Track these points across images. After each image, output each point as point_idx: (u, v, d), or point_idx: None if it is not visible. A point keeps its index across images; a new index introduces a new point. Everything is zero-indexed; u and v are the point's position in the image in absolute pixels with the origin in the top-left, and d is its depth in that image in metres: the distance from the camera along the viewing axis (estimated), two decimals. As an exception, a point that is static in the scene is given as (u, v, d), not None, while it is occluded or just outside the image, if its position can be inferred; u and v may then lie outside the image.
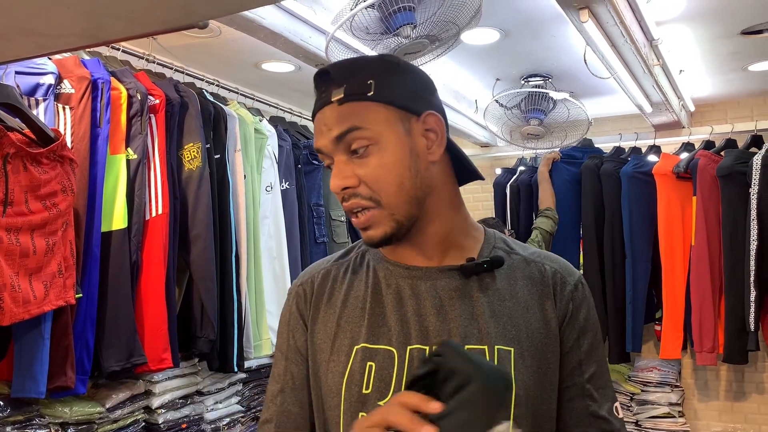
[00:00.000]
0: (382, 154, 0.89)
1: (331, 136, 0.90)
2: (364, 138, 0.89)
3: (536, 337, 0.92)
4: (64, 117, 1.96)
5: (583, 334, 0.96)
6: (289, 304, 1.06)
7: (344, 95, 0.89)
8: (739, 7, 2.38)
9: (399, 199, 0.90)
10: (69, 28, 1.22)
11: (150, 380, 2.25)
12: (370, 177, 0.89)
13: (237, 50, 2.69)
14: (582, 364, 0.95)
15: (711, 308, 3.21)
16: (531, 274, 0.97)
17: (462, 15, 1.83)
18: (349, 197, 0.90)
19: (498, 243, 1.01)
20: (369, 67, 0.93)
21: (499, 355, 0.89)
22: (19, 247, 1.62)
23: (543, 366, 0.91)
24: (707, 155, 3.26)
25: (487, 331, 0.90)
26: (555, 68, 3.08)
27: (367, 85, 0.90)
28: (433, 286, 0.94)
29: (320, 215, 3.21)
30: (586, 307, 0.97)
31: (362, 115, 0.89)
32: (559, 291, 0.96)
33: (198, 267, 2.31)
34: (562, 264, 1.00)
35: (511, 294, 0.94)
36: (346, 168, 0.90)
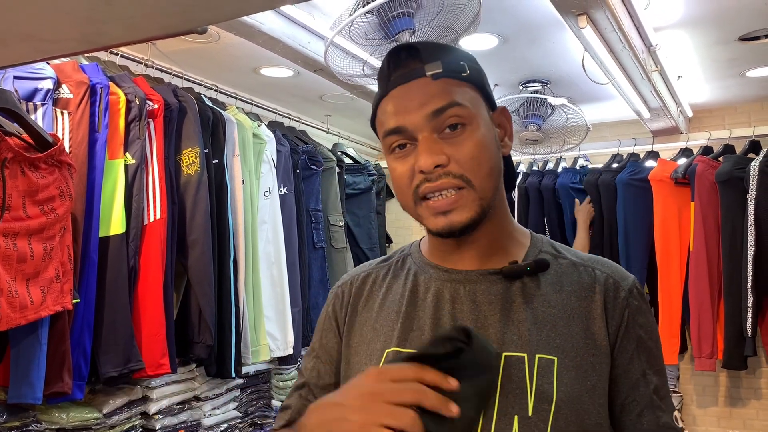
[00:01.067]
0: (475, 135, 0.86)
1: (427, 111, 0.85)
2: (461, 116, 0.86)
3: (581, 347, 0.86)
4: (62, 122, 1.96)
5: (642, 343, 0.89)
6: (327, 305, 1.04)
7: (442, 70, 0.86)
8: (737, 13, 2.39)
9: (489, 183, 0.87)
10: (68, 33, 1.22)
11: (147, 386, 2.24)
12: (465, 156, 0.85)
13: (236, 55, 2.69)
14: (646, 375, 0.88)
15: (710, 314, 3.21)
16: (580, 279, 0.91)
17: (460, 21, 1.83)
18: (438, 177, 0.84)
19: (545, 247, 0.96)
20: (458, 51, 0.92)
21: (541, 364, 0.84)
22: (16, 252, 1.61)
23: (589, 377, 0.85)
24: (705, 161, 3.26)
25: (528, 338, 0.85)
26: (553, 74, 3.09)
27: (461, 65, 0.88)
28: (473, 290, 0.90)
29: (318, 220, 3.21)
30: (642, 315, 0.90)
31: (460, 93, 0.87)
32: (612, 298, 0.89)
33: (196, 272, 2.30)
34: (614, 268, 0.93)
35: (556, 300, 0.89)
36: (435, 146, 0.85)
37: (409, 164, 0.87)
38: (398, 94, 0.88)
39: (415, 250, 1.01)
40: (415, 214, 0.90)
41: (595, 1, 1.86)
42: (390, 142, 0.89)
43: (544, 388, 0.82)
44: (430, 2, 1.82)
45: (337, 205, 3.37)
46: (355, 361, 0.96)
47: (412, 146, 0.87)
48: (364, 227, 3.79)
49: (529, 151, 3.59)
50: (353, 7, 1.87)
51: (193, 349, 2.32)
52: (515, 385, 0.83)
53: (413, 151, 0.87)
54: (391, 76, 0.89)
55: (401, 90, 0.88)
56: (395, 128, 0.87)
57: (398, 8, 1.76)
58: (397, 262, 1.02)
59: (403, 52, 0.90)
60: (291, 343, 2.74)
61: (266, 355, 2.61)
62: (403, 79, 0.88)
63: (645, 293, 3.50)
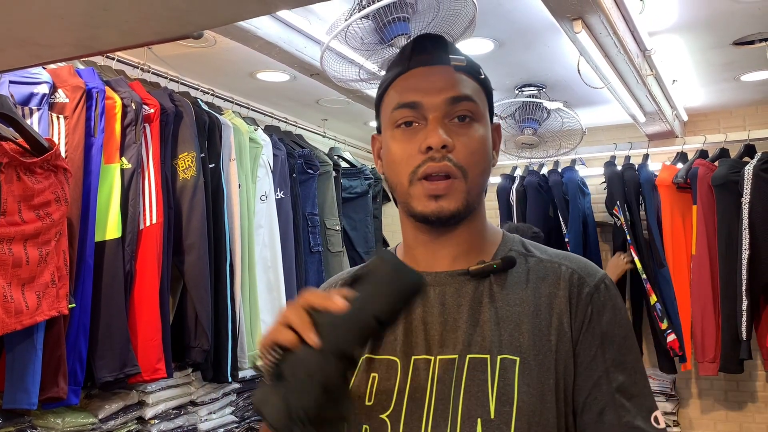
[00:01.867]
0: (480, 131, 0.90)
1: (446, 95, 0.88)
2: (472, 111, 0.90)
3: (545, 344, 0.85)
4: (58, 126, 1.95)
5: (607, 340, 0.87)
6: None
7: (466, 64, 0.91)
8: (731, 18, 2.40)
9: (479, 180, 0.90)
10: (63, 38, 1.22)
11: (143, 390, 2.24)
12: (468, 147, 0.88)
13: (232, 60, 2.69)
14: (609, 373, 0.86)
15: (712, 318, 3.21)
16: (545, 275, 0.90)
17: (456, 26, 1.84)
18: (442, 158, 0.86)
19: (516, 246, 0.96)
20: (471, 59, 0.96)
21: (503, 365, 0.84)
22: (11, 257, 1.61)
23: (552, 375, 0.84)
24: (705, 164, 3.28)
25: (492, 339, 0.85)
26: (549, 78, 3.10)
27: (479, 68, 0.94)
28: (442, 293, 0.90)
29: (315, 224, 3.21)
30: (610, 311, 0.88)
31: (475, 91, 0.91)
32: (576, 294, 0.88)
33: (192, 276, 2.30)
34: (581, 264, 0.92)
35: (521, 298, 0.88)
36: (445, 128, 0.88)
37: (414, 143, 0.88)
38: (420, 72, 0.91)
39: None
40: (405, 194, 0.90)
41: (590, 6, 1.87)
42: (398, 116, 0.90)
43: (505, 390, 0.83)
44: (425, 7, 1.83)
45: (333, 209, 3.37)
46: None
47: (420, 126, 0.89)
48: (361, 231, 3.79)
49: (525, 155, 3.60)
50: (349, 11, 1.87)
51: (189, 353, 2.31)
52: (478, 388, 0.83)
53: (420, 130, 0.88)
54: (413, 57, 0.92)
55: (423, 70, 0.91)
56: (411, 102, 0.89)
57: (394, 13, 1.76)
58: None
59: (428, 40, 0.94)
60: (287, 348, 2.73)
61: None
62: (427, 62, 0.91)
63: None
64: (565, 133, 3.38)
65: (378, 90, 0.98)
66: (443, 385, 0.85)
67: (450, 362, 0.86)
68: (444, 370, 0.86)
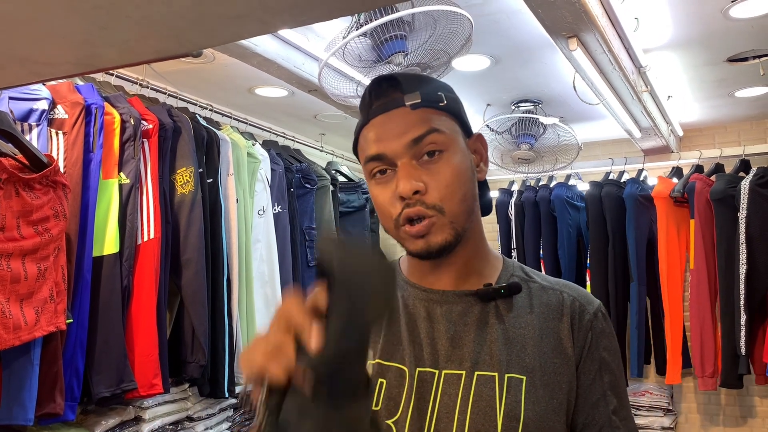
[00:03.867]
0: (451, 161, 0.90)
1: (406, 139, 0.89)
2: (440, 143, 0.90)
3: (550, 366, 0.90)
4: (57, 142, 1.96)
5: (604, 365, 0.93)
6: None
7: (421, 100, 0.91)
8: (725, 35, 2.43)
9: (462, 208, 0.90)
10: (64, 56, 1.23)
11: (140, 406, 2.23)
12: (441, 182, 0.89)
13: (230, 75, 2.71)
14: (606, 396, 0.92)
15: (711, 333, 3.21)
16: (549, 301, 0.95)
17: (453, 43, 1.86)
18: (415, 203, 0.88)
19: (516, 271, 1.00)
20: (435, 81, 0.97)
21: (511, 384, 0.88)
22: (10, 272, 1.61)
23: (556, 397, 0.89)
24: (702, 179, 3.29)
25: (499, 358, 0.89)
26: (545, 94, 3.12)
27: (438, 95, 0.93)
28: (449, 311, 0.93)
29: (312, 238, 3.22)
30: (607, 338, 0.95)
31: (437, 122, 0.91)
32: (578, 320, 0.93)
33: (189, 291, 2.30)
34: (581, 292, 0.98)
35: (526, 321, 0.93)
36: (415, 172, 0.89)
37: (390, 190, 0.90)
38: (379, 122, 0.92)
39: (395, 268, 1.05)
40: (397, 236, 0.93)
41: (585, 24, 1.89)
42: (371, 167, 0.92)
43: (512, 406, 0.86)
44: (422, 25, 1.85)
45: (331, 224, 3.37)
46: None
47: (392, 172, 0.91)
48: (358, 245, 3.79)
49: (522, 170, 3.62)
50: (347, 29, 1.89)
51: (186, 368, 2.31)
52: (486, 404, 0.86)
53: (393, 176, 0.90)
54: (372, 105, 0.94)
55: (382, 119, 0.92)
56: (376, 155, 0.91)
57: (391, 31, 1.78)
58: None
59: (383, 82, 0.94)
60: (284, 363, 2.73)
61: (260, 375, 2.60)
62: (384, 108, 0.92)
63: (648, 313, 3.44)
64: (561, 148, 3.41)
65: (354, 140, 1.00)
66: (448, 398, 0.88)
67: (456, 377, 0.89)
68: (449, 384, 0.89)
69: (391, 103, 0.92)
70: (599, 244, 3.52)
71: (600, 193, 3.51)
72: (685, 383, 3.79)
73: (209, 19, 1.03)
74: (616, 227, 3.47)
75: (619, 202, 3.47)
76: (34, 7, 0.98)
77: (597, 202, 3.51)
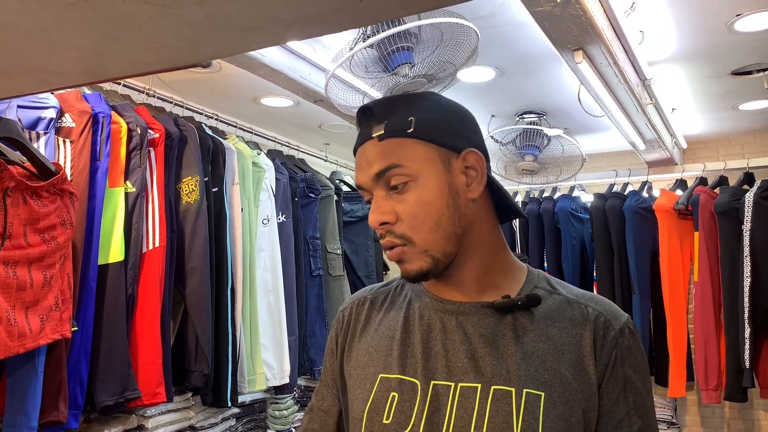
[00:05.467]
0: (420, 191, 0.90)
1: (371, 173, 0.91)
2: (403, 175, 0.90)
3: (570, 383, 0.87)
4: (64, 150, 1.97)
5: (629, 384, 0.89)
6: (332, 328, 1.10)
7: (384, 131, 0.91)
8: (729, 49, 2.44)
9: (435, 236, 0.90)
10: (74, 66, 1.24)
11: (143, 415, 2.23)
12: (408, 213, 0.90)
13: (236, 85, 2.73)
14: (630, 417, 0.88)
15: (715, 345, 3.19)
16: (572, 315, 0.92)
17: (459, 55, 1.87)
18: (386, 233, 0.91)
19: (541, 283, 0.97)
20: (411, 104, 0.94)
21: (528, 399, 0.85)
22: (16, 280, 1.61)
23: (575, 414, 0.86)
24: (707, 191, 3.29)
25: (517, 373, 0.87)
26: (549, 106, 3.13)
27: (407, 122, 0.91)
28: (464, 322, 0.92)
29: (316, 248, 3.22)
30: (633, 356, 0.91)
31: (401, 153, 0.90)
32: (602, 336, 0.90)
33: (193, 300, 2.30)
34: (607, 306, 0.94)
35: (547, 336, 0.90)
36: (384, 204, 0.91)
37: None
38: (358, 153, 0.95)
39: None
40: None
41: (590, 37, 1.90)
42: (363, 194, 0.96)
43: (530, 423, 0.84)
44: (429, 36, 1.86)
45: (334, 233, 3.38)
46: (351, 385, 0.99)
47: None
48: (362, 255, 3.80)
49: (526, 181, 3.62)
50: (354, 40, 1.90)
51: (189, 377, 2.30)
52: (502, 419, 0.84)
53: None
54: (358, 134, 0.97)
55: (360, 150, 0.95)
56: (358, 185, 0.95)
57: (398, 42, 1.79)
58: (397, 287, 1.05)
59: (361, 113, 0.96)
60: (287, 372, 2.72)
61: (262, 384, 2.60)
62: (360, 140, 0.95)
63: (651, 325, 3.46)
64: (565, 159, 3.41)
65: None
66: (464, 411, 0.87)
67: (472, 390, 0.88)
68: (465, 398, 0.87)
69: (365, 134, 0.94)
70: (604, 256, 3.52)
71: (604, 206, 3.51)
72: (689, 396, 3.77)
73: (220, 31, 1.04)
74: (619, 240, 3.47)
75: (621, 214, 3.47)
76: (47, 18, 0.99)
77: (601, 214, 3.51)
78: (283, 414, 2.93)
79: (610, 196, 3.56)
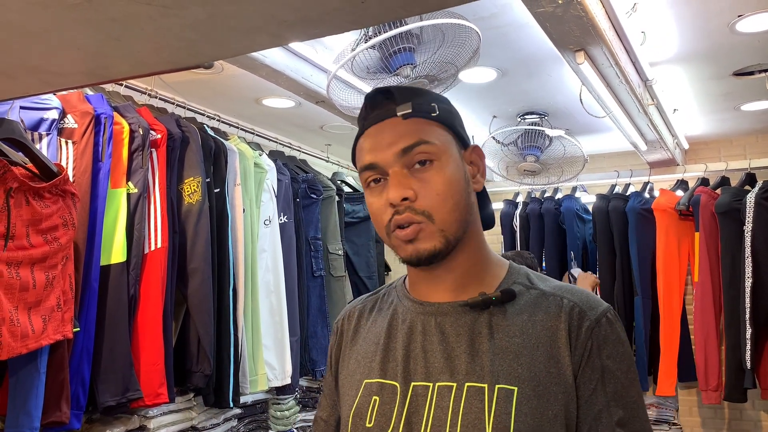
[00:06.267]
0: (443, 171, 0.91)
1: (396, 149, 0.91)
2: (430, 153, 0.91)
3: (544, 376, 0.87)
4: (66, 151, 1.98)
5: (607, 374, 0.88)
6: (331, 339, 1.11)
7: (412, 110, 0.93)
8: (731, 50, 2.44)
9: (452, 217, 0.91)
10: (77, 67, 1.25)
11: (145, 415, 2.23)
12: (431, 190, 0.90)
13: (238, 86, 2.73)
14: (609, 407, 0.87)
15: (715, 346, 3.19)
16: (547, 308, 0.92)
17: (460, 56, 1.87)
18: (404, 210, 0.90)
19: (520, 278, 0.97)
20: (430, 93, 0.98)
21: (500, 395, 0.85)
22: (19, 281, 1.62)
23: (551, 407, 0.85)
24: (707, 192, 3.29)
25: (490, 369, 0.87)
26: (551, 106, 3.13)
27: (431, 106, 0.95)
28: (442, 322, 0.93)
29: (318, 249, 3.22)
30: (611, 345, 0.89)
31: (428, 132, 0.93)
32: (576, 327, 0.89)
33: (195, 301, 2.30)
34: (583, 297, 0.93)
35: (521, 330, 0.90)
36: (405, 180, 0.91)
37: (383, 198, 0.92)
38: (372, 132, 0.95)
39: (400, 284, 1.06)
40: (390, 244, 0.95)
41: (592, 38, 1.90)
42: (366, 176, 0.95)
43: (502, 418, 0.84)
44: (430, 37, 1.86)
45: (336, 234, 3.38)
46: (342, 393, 1.02)
47: (385, 181, 0.93)
48: (363, 256, 3.80)
49: (528, 182, 3.62)
50: (356, 41, 1.91)
51: (191, 378, 2.30)
52: (475, 416, 0.85)
53: (386, 185, 0.93)
54: (367, 116, 0.97)
55: (375, 129, 0.95)
56: (369, 164, 0.94)
57: (400, 44, 1.80)
58: (384, 295, 1.07)
59: (378, 94, 0.97)
60: (289, 373, 2.73)
61: (264, 385, 2.60)
62: (377, 119, 0.95)
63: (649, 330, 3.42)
64: (567, 160, 3.41)
65: (352, 151, 1.03)
66: (440, 411, 0.87)
67: (448, 389, 0.88)
68: (441, 397, 0.88)
69: (384, 113, 0.94)
70: (607, 257, 3.52)
71: (607, 207, 3.51)
72: (689, 397, 3.77)
73: (222, 32, 1.04)
74: (622, 241, 3.47)
75: (624, 216, 3.47)
76: (49, 20, 0.99)
77: (604, 215, 3.51)
78: (285, 414, 2.93)
79: (612, 198, 3.56)
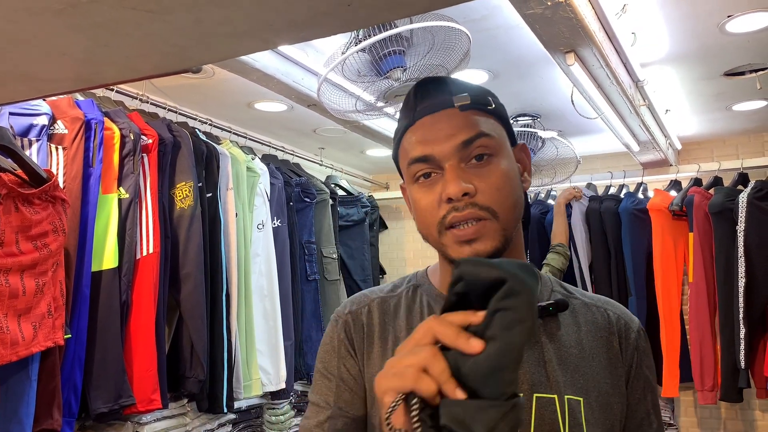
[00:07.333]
0: (501, 166, 0.86)
1: (456, 141, 0.85)
2: (489, 147, 0.86)
3: (603, 387, 0.88)
4: (56, 157, 1.97)
5: (647, 384, 0.92)
6: (337, 331, 0.97)
7: (471, 102, 0.86)
8: (721, 50, 2.44)
9: (512, 215, 0.86)
10: (65, 73, 1.24)
11: (138, 422, 2.22)
12: (491, 186, 0.84)
13: (230, 90, 2.72)
14: (650, 415, 0.91)
15: (711, 346, 3.20)
16: (594, 319, 0.92)
17: (451, 59, 1.87)
18: (465, 206, 0.83)
19: (555, 286, 0.96)
20: (481, 86, 0.93)
21: (570, 405, 0.84)
22: (8, 288, 1.61)
23: (610, 418, 0.87)
24: (701, 192, 3.30)
25: (556, 379, 0.86)
26: (543, 108, 3.14)
27: (486, 98, 0.89)
28: None
29: (311, 252, 3.22)
30: (648, 356, 0.93)
31: (487, 125, 0.87)
32: (624, 339, 0.91)
33: (188, 306, 2.30)
34: (623, 310, 0.96)
35: (576, 341, 0.89)
36: (464, 174, 0.84)
37: (435, 193, 0.86)
38: (426, 123, 0.88)
39: (425, 281, 0.98)
40: (438, 243, 0.88)
41: (582, 39, 1.90)
42: (415, 170, 0.88)
43: (576, 429, 0.84)
44: (420, 40, 1.86)
45: (330, 237, 3.38)
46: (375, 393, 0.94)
47: (438, 175, 0.86)
48: (358, 259, 3.80)
49: (521, 184, 3.62)
50: (346, 44, 1.90)
51: (184, 384, 2.30)
52: (549, 427, 0.83)
53: (439, 180, 0.86)
54: (417, 106, 0.89)
55: (428, 120, 0.88)
56: (422, 156, 0.87)
57: (390, 46, 1.79)
58: (407, 293, 0.98)
59: (430, 83, 0.91)
60: (283, 377, 2.72)
61: (258, 390, 2.59)
62: (431, 110, 0.88)
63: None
64: (560, 161, 3.41)
65: (393, 142, 0.96)
66: None
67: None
68: None
69: (439, 104, 0.87)
70: (601, 259, 3.52)
71: (599, 208, 3.51)
72: (685, 397, 3.77)
73: (210, 37, 1.03)
74: (616, 242, 3.47)
75: (617, 216, 3.47)
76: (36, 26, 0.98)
77: (597, 217, 3.52)
78: (280, 419, 2.92)
79: (605, 198, 3.56)
